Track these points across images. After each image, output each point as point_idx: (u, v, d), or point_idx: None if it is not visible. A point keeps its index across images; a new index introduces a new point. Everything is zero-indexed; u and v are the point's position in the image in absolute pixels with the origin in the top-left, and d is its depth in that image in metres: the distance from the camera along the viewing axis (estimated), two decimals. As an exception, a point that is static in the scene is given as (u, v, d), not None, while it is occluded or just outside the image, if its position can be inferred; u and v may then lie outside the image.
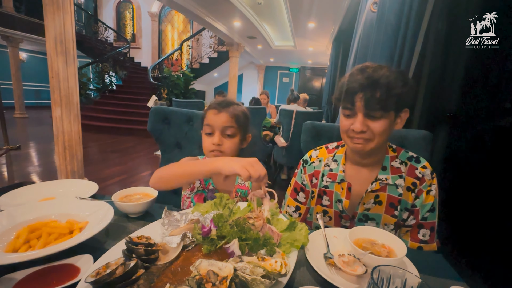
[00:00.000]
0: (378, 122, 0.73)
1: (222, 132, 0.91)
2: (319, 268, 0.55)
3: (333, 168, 0.89)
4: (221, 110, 0.91)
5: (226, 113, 0.91)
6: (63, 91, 2.46)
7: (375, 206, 0.83)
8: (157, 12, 10.49)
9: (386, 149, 0.84)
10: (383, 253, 0.59)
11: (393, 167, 0.82)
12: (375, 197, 0.82)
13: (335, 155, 0.91)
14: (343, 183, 0.86)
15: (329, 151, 0.94)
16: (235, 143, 0.93)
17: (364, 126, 0.73)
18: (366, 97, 0.71)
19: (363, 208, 0.84)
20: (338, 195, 0.87)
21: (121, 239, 0.59)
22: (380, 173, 0.82)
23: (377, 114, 0.72)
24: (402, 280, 0.42)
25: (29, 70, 10.03)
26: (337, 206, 0.88)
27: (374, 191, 0.82)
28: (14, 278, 0.48)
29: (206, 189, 0.96)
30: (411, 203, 0.81)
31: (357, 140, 0.76)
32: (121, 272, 0.44)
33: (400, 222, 0.82)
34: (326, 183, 0.89)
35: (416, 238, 0.80)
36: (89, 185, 0.94)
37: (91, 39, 8.88)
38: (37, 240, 0.59)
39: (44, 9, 2.33)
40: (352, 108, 0.75)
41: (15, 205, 0.75)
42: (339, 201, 0.86)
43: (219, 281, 0.42)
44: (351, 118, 0.76)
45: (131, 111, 6.74)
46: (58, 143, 2.56)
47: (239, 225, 0.57)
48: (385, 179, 0.81)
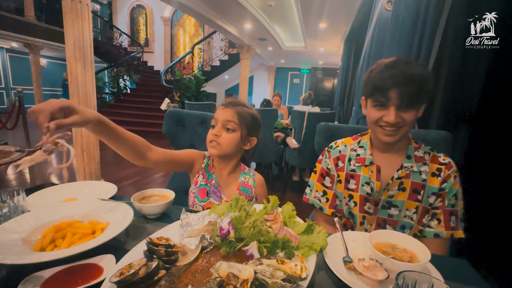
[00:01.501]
0: (410, 113, 0.77)
1: (223, 125, 0.94)
2: (338, 272, 0.54)
3: (360, 153, 0.92)
4: (228, 106, 0.97)
5: (232, 109, 0.96)
6: (81, 95, 2.55)
7: (398, 193, 0.85)
8: (169, 17, 10.71)
9: (409, 140, 0.88)
10: (405, 258, 0.57)
11: (417, 156, 0.86)
12: (399, 184, 0.85)
13: (359, 142, 0.95)
14: (372, 166, 0.88)
15: (353, 138, 0.98)
16: (233, 138, 0.95)
17: (398, 118, 0.77)
18: (402, 92, 0.74)
19: (387, 195, 0.86)
20: (366, 177, 0.89)
21: (140, 239, 0.61)
22: (405, 161, 0.85)
23: (410, 107, 0.76)
24: (429, 286, 0.41)
25: (49, 76, 10.47)
26: (363, 190, 0.89)
27: (399, 178, 0.85)
28: (42, 276, 0.50)
29: (209, 183, 0.99)
30: (438, 187, 0.83)
31: (389, 131, 0.79)
32: (144, 273, 0.45)
33: (428, 207, 0.85)
34: (354, 167, 0.92)
35: (448, 226, 0.83)
36: (109, 186, 0.97)
37: (106, 45, 9.17)
38: (62, 239, 0.61)
39: (64, 17, 2.43)
40: (385, 102, 0.77)
41: (40, 205, 0.79)
42: (367, 184, 0.88)
43: (240, 284, 0.42)
44: (383, 110, 0.79)
45: (145, 113, 6.89)
46: (77, 145, 2.65)
47: (257, 227, 0.57)
48: (410, 166, 0.84)
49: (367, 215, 0.90)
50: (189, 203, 1.02)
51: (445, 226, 0.83)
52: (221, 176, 1.01)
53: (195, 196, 0.98)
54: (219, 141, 0.93)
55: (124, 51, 9.68)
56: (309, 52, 8.46)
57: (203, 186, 0.99)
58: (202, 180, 0.99)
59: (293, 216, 0.69)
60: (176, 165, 0.98)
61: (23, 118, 4.27)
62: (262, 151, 3.27)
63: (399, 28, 1.50)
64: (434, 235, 0.83)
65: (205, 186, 0.99)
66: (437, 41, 1.29)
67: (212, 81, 9.10)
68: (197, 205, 0.99)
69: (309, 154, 3.14)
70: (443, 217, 0.83)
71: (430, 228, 0.84)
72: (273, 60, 10.75)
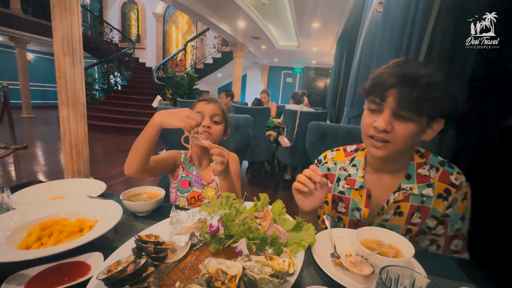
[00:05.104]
0: (405, 125, 0.64)
1: (211, 118, 1.05)
2: (326, 267, 0.55)
3: (352, 174, 0.83)
4: (210, 101, 1.08)
5: (215, 104, 1.07)
6: (70, 92, 2.49)
7: (394, 217, 0.76)
8: (161, 13, 10.55)
9: (412, 156, 0.76)
10: (390, 254, 0.59)
11: (420, 175, 0.74)
12: (396, 208, 0.76)
13: (353, 159, 0.85)
14: (362, 190, 0.80)
15: (346, 154, 0.88)
16: (221, 129, 1.08)
17: (388, 126, 0.65)
18: (400, 93, 0.62)
19: (381, 219, 0.78)
20: (355, 202, 0.81)
21: (130, 237, 0.60)
22: (404, 182, 0.75)
23: (407, 115, 0.64)
24: (411, 281, 0.42)
25: (36, 71, 10.16)
26: (353, 215, 0.82)
27: (396, 202, 0.75)
28: (27, 274, 0.49)
29: (190, 174, 1.06)
30: (442, 212, 0.72)
31: (377, 143, 0.68)
32: (132, 270, 0.45)
33: (426, 229, 0.75)
34: (343, 189, 0.84)
35: (448, 250, 0.75)
36: (97, 184, 0.95)
37: (97, 40, 8.96)
38: (48, 237, 0.60)
39: (52, 10, 2.36)
40: (381, 103, 0.66)
41: (25, 203, 0.77)
42: (357, 209, 0.81)
43: (228, 280, 0.43)
44: (376, 115, 0.68)
45: (136, 111, 6.79)
46: (65, 142, 2.59)
47: (246, 225, 0.58)
48: (410, 188, 0.73)
49: None
50: (171, 200, 1.06)
51: (444, 250, 0.75)
52: (201, 165, 1.10)
53: (177, 190, 1.03)
54: (211, 131, 1.03)
55: (115, 47, 9.48)
56: (302, 52, 8.50)
57: (184, 178, 1.05)
58: (182, 172, 1.07)
59: (282, 214, 0.70)
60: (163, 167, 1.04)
61: (8, 114, 4.13)
62: (255, 149, 3.28)
63: (389, 29, 1.53)
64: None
65: (187, 177, 1.05)
66: (425, 42, 1.32)
67: (205, 79, 9.03)
68: (180, 197, 1.02)
69: (301, 153, 3.16)
70: (443, 242, 0.75)
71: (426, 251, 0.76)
72: (266, 59, 10.76)
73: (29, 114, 7.82)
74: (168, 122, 0.78)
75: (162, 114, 0.79)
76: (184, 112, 0.78)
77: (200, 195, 1.03)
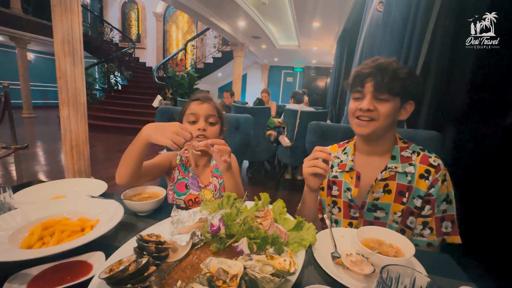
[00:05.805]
0: (385, 105, 0.79)
1: (206, 119, 1.00)
2: (326, 267, 0.56)
3: (343, 159, 0.94)
4: (204, 101, 1.02)
5: (209, 104, 1.02)
6: (70, 91, 2.50)
7: (384, 195, 0.85)
8: (161, 13, 10.55)
9: (395, 140, 0.88)
10: (391, 253, 0.59)
11: (403, 156, 0.85)
12: (384, 186, 0.84)
13: (345, 148, 0.97)
14: (352, 172, 0.89)
15: (339, 146, 1.01)
16: (217, 130, 1.03)
17: (371, 105, 0.79)
18: (375, 80, 0.78)
19: (372, 197, 0.86)
20: (346, 183, 0.90)
21: (131, 237, 0.61)
22: (389, 162, 0.85)
23: (384, 97, 0.79)
24: (411, 280, 0.43)
25: (36, 71, 10.17)
26: (346, 196, 0.90)
27: (383, 180, 0.84)
28: (30, 274, 0.50)
29: (186, 176, 1.03)
30: (425, 191, 0.81)
31: (362, 121, 0.81)
32: (134, 269, 0.45)
33: (414, 210, 0.82)
34: (336, 174, 0.94)
35: (440, 232, 0.81)
36: (98, 184, 0.96)
37: (97, 40, 8.97)
38: (50, 237, 0.61)
39: (52, 10, 2.36)
40: (362, 91, 0.81)
41: (27, 203, 0.77)
42: (348, 189, 0.89)
43: (229, 279, 0.43)
44: (360, 101, 0.82)
45: (136, 110, 6.79)
46: (66, 142, 2.60)
47: (247, 224, 0.58)
48: (395, 167, 0.83)
49: (353, 221, 0.90)
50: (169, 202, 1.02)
51: (436, 233, 0.81)
52: (197, 166, 1.07)
53: (174, 192, 1.01)
54: (207, 134, 0.99)
55: (115, 46, 9.49)
56: (303, 51, 8.49)
57: (181, 180, 1.02)
58: (179, 174, 1.03)
59: (283, 213, 0.70)
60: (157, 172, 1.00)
61: (9, 114, 4.14)
62: (255, 149, 3.28)
63: (389, 29, 1.53)
64: (427, 244, 0.81)
65: (183, 180, 1.02)
66: (426, 41, 1.32)
67: (205, 78, 9.02)
68: (177, 200, 1.00)
69: (302, 153, 3.16)
70: (434, 224, 0.81)
71: (423, 237, 0.82)
72: (266, 58, 10.75)
73: (30, 114, 7.83)
74: (155, 137, 0.74)
75: (149, 128, 0.76)
76: (173, 128, 0.73)
77: (197, 197, 1.01)
